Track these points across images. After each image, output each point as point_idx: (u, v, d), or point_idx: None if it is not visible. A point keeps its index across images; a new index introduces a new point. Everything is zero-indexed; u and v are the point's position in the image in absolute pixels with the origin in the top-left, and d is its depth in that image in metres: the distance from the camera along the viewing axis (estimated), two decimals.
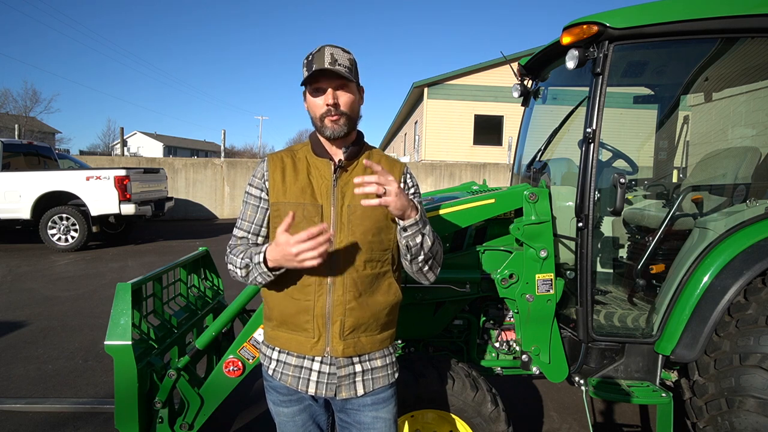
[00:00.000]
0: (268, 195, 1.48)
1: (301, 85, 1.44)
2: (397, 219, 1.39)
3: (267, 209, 1.49)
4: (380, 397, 1.49)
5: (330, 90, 1.40)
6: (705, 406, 2.23)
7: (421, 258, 1.45)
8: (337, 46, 1.42)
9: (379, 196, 1.29)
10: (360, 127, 1.53)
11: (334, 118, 1.41)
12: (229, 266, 1.46)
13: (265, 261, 1.35)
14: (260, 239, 1.51)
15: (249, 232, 1.50)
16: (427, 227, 1.43)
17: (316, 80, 1.40)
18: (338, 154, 1.47)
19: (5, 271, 7.01)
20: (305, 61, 1.42)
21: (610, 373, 2.40)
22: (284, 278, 1.44)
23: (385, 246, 1.47)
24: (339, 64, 1.38)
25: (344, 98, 1.42)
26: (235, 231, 1.52)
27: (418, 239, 1.40)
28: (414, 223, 1.37)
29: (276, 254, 1.32)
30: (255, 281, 1.41)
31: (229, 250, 1.48)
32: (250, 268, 1.38)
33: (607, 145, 2.98)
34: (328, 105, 1.40)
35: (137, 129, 50.02)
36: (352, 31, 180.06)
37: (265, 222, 1.50)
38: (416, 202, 1.41)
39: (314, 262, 1.27)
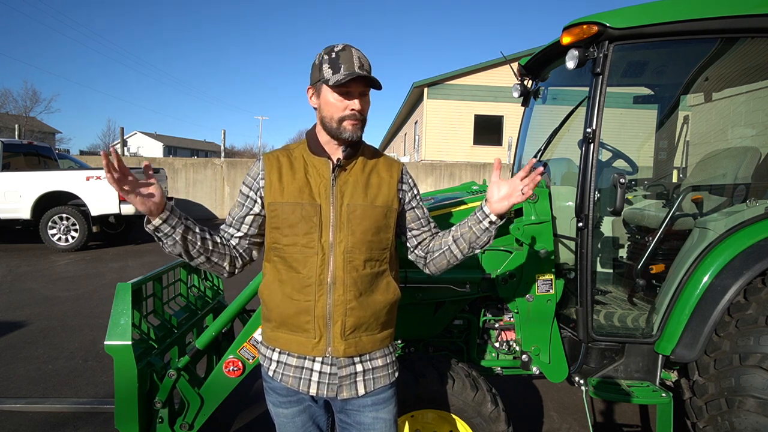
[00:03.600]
0: (257, 194, 1.48)
1: (327, 84, 1.38)
2: (496, 214, 1.48)
3: (251, 208, 1.49)
4: (380, 398, 1.49)
5: (358, 96, 1.40)
6: (705, 406, 2.23)
7: (467, 255, 1.56)
8: (357, 49, 1.41)
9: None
10: None
11: (357, 122, 1.41)
12: None
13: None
14: (239, 233, 1.52)
15: (230, 226, 1.52)
16: None
17: (346, 84, 1.37)
18: (336, 153, 1.47)
19: (5, 271, 7.01)
20: (328, 57, 1.39)
21: (610, 373, 2.40)
22: (283, 278, 1.44)
23: (383, 245, 1.47)
24: (365, 70, 1.38)
25: (365, 105, 1.43)
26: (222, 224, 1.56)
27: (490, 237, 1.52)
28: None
29: None
30: (165, 246, 1.41)
31: None
32: None
33: (607, 145, 2.98)
34: (353, 110, 1.39)
35: (137, 129, 50.10)
36: (352, 30, 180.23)
37: (247, 219, 1.51)
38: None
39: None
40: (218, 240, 1.49)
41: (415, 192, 1.58)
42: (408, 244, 1.61)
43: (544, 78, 3.09)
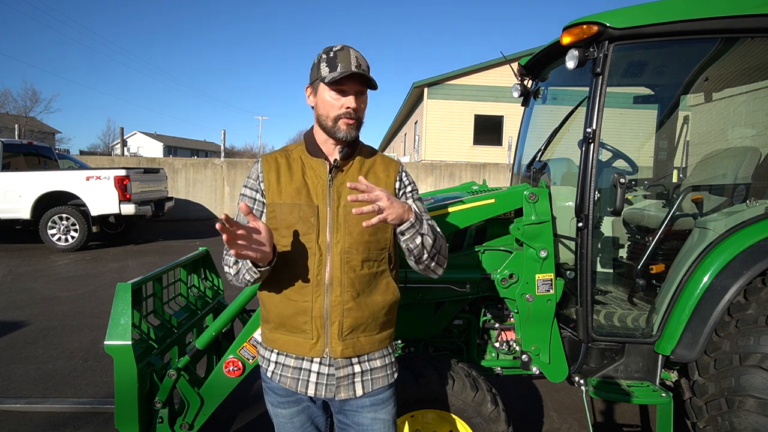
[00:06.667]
0: (263, 196, 1.47)
1: (323, 82, 1.39)
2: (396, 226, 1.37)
3: (262, 210, 1.48)
4: (379, 398, 1.49)
5: (353, 94, 1.40)
6: (705, 406, 2.23)
7: (425, 257, 1.43)
8: (355, 50, 1.42)
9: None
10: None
11: (351, 122, 1.41)
12: (225, 267, 1.45)
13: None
14: None
15: None
16: (425, 226, 1.41)
17: (342, 82, 1.38)
18: (333, 154, 1.47)
19: (5, 271, 7.01)
20: (326, 57, 1.40)
21: (610, 373, 2.40)
22: (281, 279, 1.43)
23: (381, 245, 1.46)
24: (362, 69, 1.38)
25: (361, 104, 1.43)
26: None
27: (418, 240, 1.39)
28: (410, 225, 1.36)
29: None
30: (243, 279, 1.38)
31: (225, 252, 1.45)
32: (240, 265, 1.38)
33: (607, 145, 2.98)
34: (348, 108, 1.39)
35: (137, 129, 50.06)
36: (352, 30, 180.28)
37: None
38: (411, 203, 1.39)
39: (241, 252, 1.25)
40: None
41: (409, 190, 1.55)
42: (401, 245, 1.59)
43: (544, 78, 3.09)
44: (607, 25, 2.10)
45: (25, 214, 8.46)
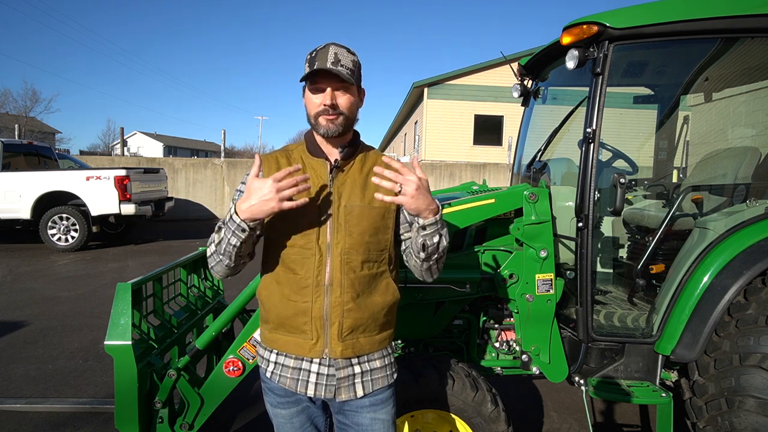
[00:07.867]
0: None
1: (301, 81, 1.42)
2: (415, 217, 1.38)
3: None
4: (379, 399, 1.49)
5: (329, 90, 1.39)
6: (705, 406, 2.23)
7: (434, 257, 1.44)
8: (342, 46, 1.41)
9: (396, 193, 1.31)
10: (360, 126, 1.52)
11: (331, 117, 1.40)
12: (209, 249, 1.42)
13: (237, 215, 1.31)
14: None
15: None
16: (445, 228, 1.42)
17: (316, 79, 1.39)
18: (334, 154, 1.47)
19: (5, 271, 7.01)
20: (308, 57, 1.41)
21: (610, 373, 2.40)
22: (281, 280, 1.43)
23: (382, 246, 1.46)
24: (342, 65, 1.37)
25: (343, 99, 1.41)
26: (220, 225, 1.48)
27: (436, 239, 1.39)
28: (434, 222, 1.36)
29: (250, 200, 1.29)
30: (228, 246, 1.34)
31: (215, 232, 1.44)
32: (223, 229, 1.35)
33: (607, 145, 2.98)
34: (325, 105, 1.39)
35: (137, 129, 50.05)
36: (353, 30, 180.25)
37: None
38: (438, 202, 1.40)
39: (292, 200, 1.26)
40: None
41: None
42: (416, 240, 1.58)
43: (544, 78, 3.09)
44: (607, 25, 2.10)
45: (25, 214, 8.47)
